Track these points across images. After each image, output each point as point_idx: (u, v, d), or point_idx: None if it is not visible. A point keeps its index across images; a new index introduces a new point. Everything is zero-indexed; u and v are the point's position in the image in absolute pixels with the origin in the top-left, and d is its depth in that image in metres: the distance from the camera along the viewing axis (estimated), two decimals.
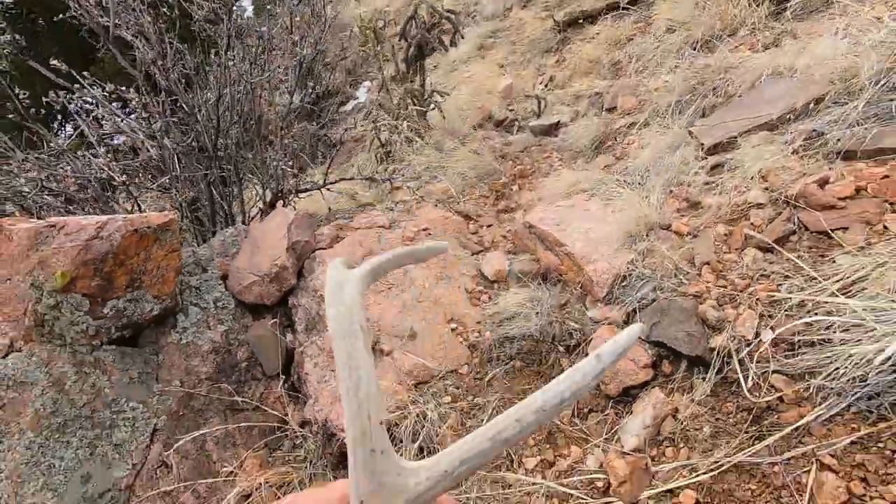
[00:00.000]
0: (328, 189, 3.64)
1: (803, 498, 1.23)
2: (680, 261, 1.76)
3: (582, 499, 1.41)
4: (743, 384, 1.43)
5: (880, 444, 1.24)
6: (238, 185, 3.15)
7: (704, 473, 1.35)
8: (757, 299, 1.56)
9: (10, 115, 2.57)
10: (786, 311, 1.50)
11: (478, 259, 2.27)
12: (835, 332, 1.39)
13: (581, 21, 4.75)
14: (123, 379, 1.77)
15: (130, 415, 1.72)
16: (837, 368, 1.32)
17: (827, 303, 1.45)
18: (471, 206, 2.90)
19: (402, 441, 1.65)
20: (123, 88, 2.10)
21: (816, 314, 1.43)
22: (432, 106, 4.21)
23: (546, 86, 4.54)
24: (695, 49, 3.19)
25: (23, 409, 1.63)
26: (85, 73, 2.07)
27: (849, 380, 1.31)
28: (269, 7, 4.48)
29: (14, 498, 1.53)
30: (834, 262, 1.56)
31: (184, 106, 2.72)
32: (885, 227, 1.56)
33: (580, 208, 2.22)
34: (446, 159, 3.71)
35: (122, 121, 2.11)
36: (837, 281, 1.50)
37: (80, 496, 1.58)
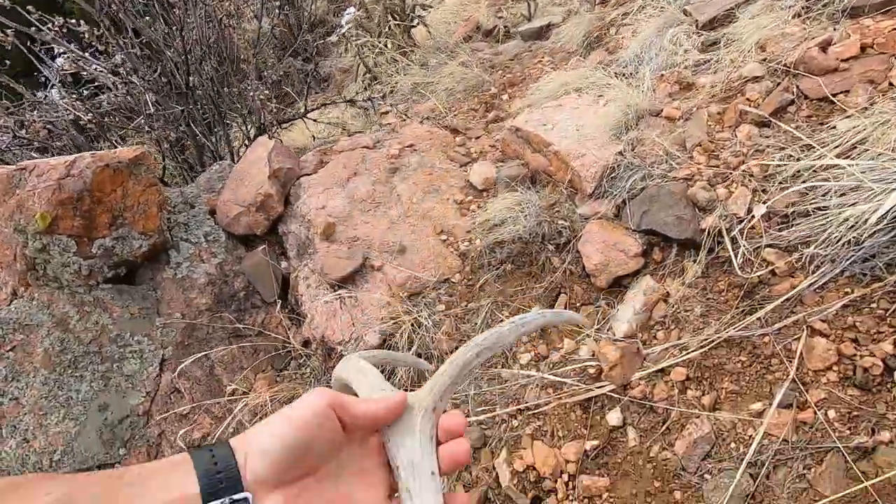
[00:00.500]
0: (315, 121, 3.54)
1: (793, 364, 1.23)
2: (671, 146, 1.68)
3: (575, 385, 1.44)
4: (734, 261, 1.39)
5: (872, 305, 1.21)
6: (221, 125, 3.06)
7: (695, 350, 1.35)
8: (750, 175, 1.49)
9: None
10: (780, 183, 1.44)
11: (465, 170, 2.20)
12: (830, 198, 1.33)
13: None
14: (125, 315, 1.81)
15: (137, 348, 1.78)
16: (831, 234, 1.27)
17: (824, 169, 1.38)
18: (459, 120, 2.78)
19: (401, 349, 1.68)
20: (73, 21, 1.99)
21: (812, 182, 1.36)
22: (416, 22, 3.96)
23: None
24: None
25: (33, 350, 1.69)
26: (30, 8, 1.96)
27: (843, 244, 1.27)
28: None
29: (39, 429, 1.63)
30: (833, 128, 1.47)
31: (150, 42, 2.59)
32: (891, 84, 1.45)
33: (568, 107, 2.11)
34: (433, 76, 3.54)
35: (78, 58, 2.02)
36: (836, 147, 1.42)
37: (100, 423, 1.67)
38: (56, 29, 1.96)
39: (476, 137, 2.51)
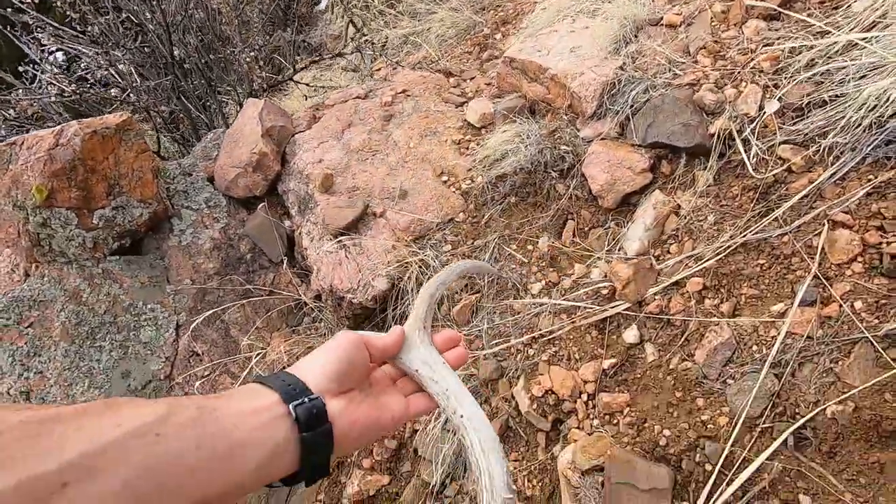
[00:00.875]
0: (309, 85, 3.46)
1: (814, 260, 1.17)
2: (673, 53, 1.58)
3: (588, 308, 1.41)
4: (748, 162, 1.32)
5: None
6: (213, 96, 3.01)
7: (710, 259, 1.30)
8: (760, 71, 1.39)
9: None
10: (792, 75, 1.34)
11: (462, 110, 2.13)
12: (848, 82, 1.24)
13: None
14: (135, 285, 1.82)
15: (151, 315, 1.80)
16: (851, 120, 1.19)
17: (841, 53, 1.28)
18: (452, 64, 2.68)
19: (410, 292, 1.67)
20: None
21: (828, 66, 1.26)
22: None
23: None
24: None
25: (50, 325, 1.72)
26: None
27: (864, 129, 1.18)
28: None
29: (67, 399, 1.66)
30: (849, 8, 1.36)
31: (130, 16, 2.53)
32: None
33: (564, 31, 2.00)
34: (423, 25, 3.41)
35: (55, 32, 1.97)
36: (852, 30, 1.32)
37: (125, 389, 1.70)
38: (30, 1, 1.91)
39: (471, 78, 2.42)
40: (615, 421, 1.25)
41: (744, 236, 1.28)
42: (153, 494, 0.33)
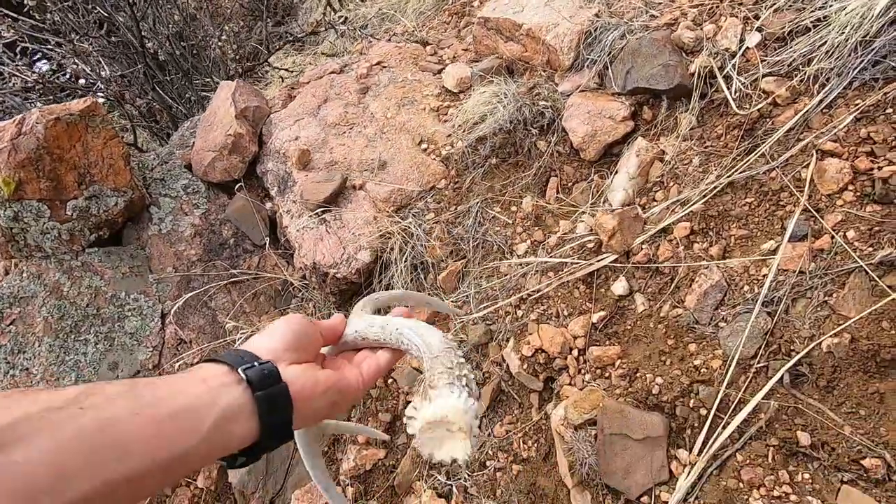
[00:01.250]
0: (288, 71, 3.39)
1: (804, 193, 1.12)
2: None
3: (575, 263, 1.37)
4: (730, 99, 1.27)
5: (888, 111, 1.09)
6: (191, 87, 2.95)
7: (697, 202, 1.25)
8: (739, 3, 1.33)
9: None
10: (773, 4, 1.28)
11: (439, 77, 2.07)
12: (830, 5, 1.18)
13: None
14: (116, 276, 1.78)
15: (134, 305, 1.76)
16: (835, 42, 1.13)
17: None
18: (430, 34, 2.61)
19: (394, 263, 1.63)
20: None
21: None
22: None
23: None
24: None
25: (32, 321, 1.69)
26: None
27: (849, 51, 1.13)
28: None
29: None
30: None
31: (97, 7, 2.46)
32: None
33: None
34: (401, 1, 3.33)
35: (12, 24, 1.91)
36: None
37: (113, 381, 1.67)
38: None
39: (448, 46, 2.35)
40: (607, 374, 1.22)
41: (730, 176, 1.23)
42: (80, 461, 0.30)
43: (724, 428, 1.03)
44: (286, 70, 3.47)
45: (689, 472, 1.03)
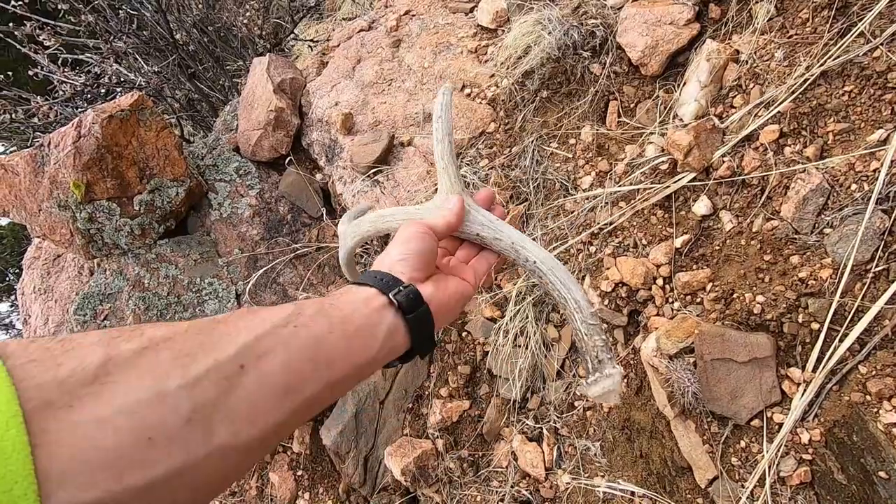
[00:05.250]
0: (313, 41, 3.33)
1: None
2: None
3: (648, 188, 1.27)
4: None
5: None
6: (225, 74, 2.96)
7: (784, 101, 1.12)
8: None
9: None
10: None
11: (472, 16, 1.95)
12: None
13: None
14: (189, 263, 1.85)
15: (210, 289, 1.83)
16: None
17: None
18: None
19: None
20: None
21: None
22: None
23: None
24: None
25: (123, 314, 1.79)
26: None
27: None
28: None
29: None
30: None
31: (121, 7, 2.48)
32: None
33: None
34: None
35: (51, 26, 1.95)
36: None
37: None
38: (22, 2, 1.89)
39: None
40: (698, 299, 1.15)
41: (822, 64, 1.09)
42: (307, 370, 0.39)
43: (841, 340, 0.95)
44: (311, 41, 3.41)
45: (805, 391, 0.96)
